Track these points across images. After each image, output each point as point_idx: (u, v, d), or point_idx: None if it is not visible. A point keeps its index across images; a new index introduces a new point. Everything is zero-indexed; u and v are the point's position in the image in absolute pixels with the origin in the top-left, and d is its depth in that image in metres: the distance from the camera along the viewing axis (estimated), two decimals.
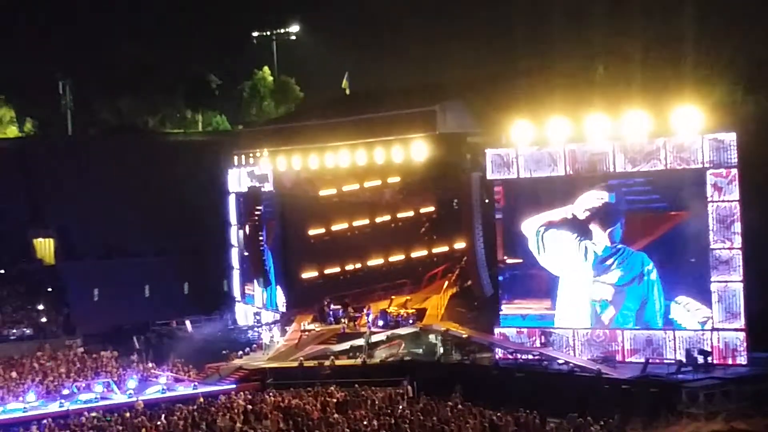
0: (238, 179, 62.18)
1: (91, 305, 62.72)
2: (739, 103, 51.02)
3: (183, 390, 45.60)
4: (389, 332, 50.22)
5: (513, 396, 40.08)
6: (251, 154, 60.45)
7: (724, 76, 52.37)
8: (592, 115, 44.52)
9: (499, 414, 36.91)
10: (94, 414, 41.08)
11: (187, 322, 59.63)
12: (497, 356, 46.36)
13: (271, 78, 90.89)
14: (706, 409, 37.34)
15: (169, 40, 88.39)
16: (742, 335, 41.34)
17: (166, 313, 60.65)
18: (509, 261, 46.93)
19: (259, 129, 71.61)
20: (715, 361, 41.17)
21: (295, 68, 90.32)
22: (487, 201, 48.95)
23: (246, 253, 61.08)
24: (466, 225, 50.74)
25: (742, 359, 41.26)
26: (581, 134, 44.84)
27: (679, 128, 42.54)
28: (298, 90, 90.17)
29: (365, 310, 53.00)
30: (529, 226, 46.39)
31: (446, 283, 54.10)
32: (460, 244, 54.07)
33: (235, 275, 64.10)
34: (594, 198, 44.79)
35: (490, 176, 47.40)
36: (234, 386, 45.76)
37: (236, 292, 63.88)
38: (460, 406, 38.71)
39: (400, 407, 39.47)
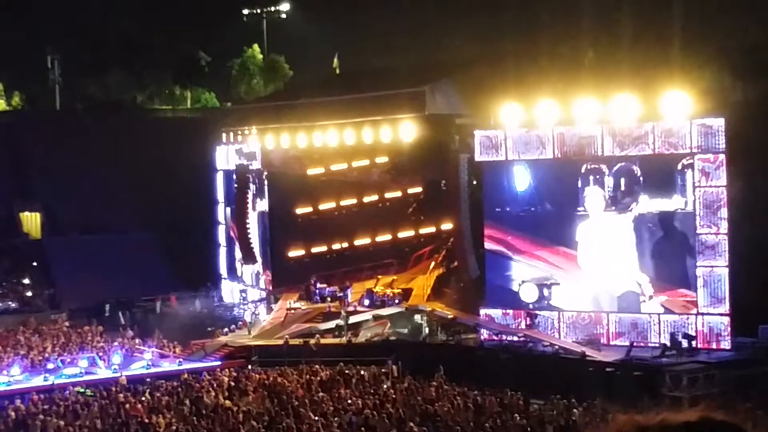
0: (226, 157, 62.08)
1: (76, 280, 62.57)
2: (728, 88, 51.14)
3: (168, 366, 45.60)
4: (374, 312, 50.35)
5: (497, 377, 40.23)
6: (239, 132, 60.37)
7: (712, 61, 52.45)
8: (581, 99, 44.54)
9: (483, 395, 37.07)
10: (78, 388, 41.09)
11: (174, 299, 59.62)
12: (482, 337, 46.52)
13: (260, 56, 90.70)
14: (689, 392, 37.58)
15: (159, 16, 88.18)
16: (726, 320, 41.53)
17: (152, 289, 60.54)
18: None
19: (248, 107, 71.53)
20: (699, 346, 41.38)
21: (285, 46, 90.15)
22: (474, 182, 49.00)
23: (232, 231, 61.04)
24: (453, 206, 50.81)
25: (726, 344, 41.47)
26: (570, 117, 44.87)
27: (668, 113, 42.60)
28: (288, 68, 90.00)
29: (347, 289, 53.05)
30: None
31: (432, 263, 54.20)
32: (447, 225, 54.15)
33: (222, 252, 64.08)
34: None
35: (478, 158, 47.40)
36: (219, 363, 45.79)
37: (222, 270, 63.87)
38: (444, 386, 38.86)
39: (385, 386, 39.60)
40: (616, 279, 44.29)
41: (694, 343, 41.22)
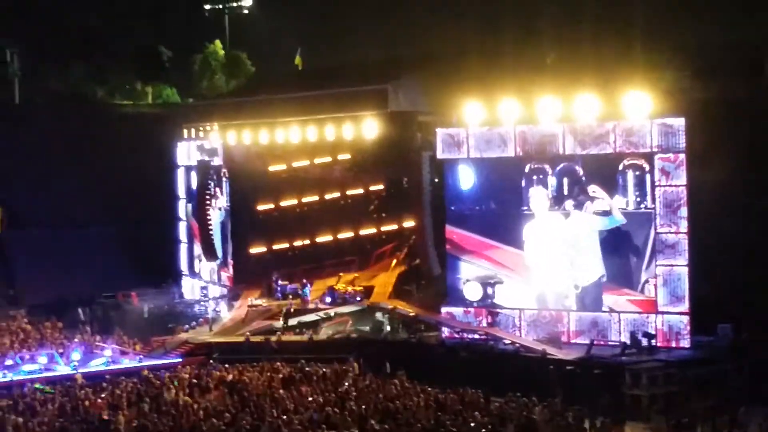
0: (187, 153, 61.79)
1: (36, 276, 62.09)
2: (688, 88, 51.52)
3: (128, 363, 45.38)
4: (335, 309, 50.33)
5: (458, 374, 40.33)
6: (201, 128, 60.15)
7: (672, 61, 52.90)
8: (543, 98, 44.71)
9: (444, 392, 37.14)
10: (37, 385, 40.81)
11: (135, 295, 59.28)
12: (444, 335, 46.60)
13: (222, 51, 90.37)
14: (649, 390, 37.89)
15: (120, 10, 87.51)
16: (685, 319, 41.82)
17: (112, 285, 60.17)
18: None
19: (210, 103, 71.34)
20: (658, 344, 41.63)
21: (247, 42, 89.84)
22: (436, 180, 49.10)
23: (193, 227, 60.81)
24: (415, 204, 50.89)
25: (685, 342, 41.75)
26: (532, 116, 45.03)
27: (629, 112, 42.86)
28: (250, 64, 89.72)
29: (304, 287, 53.05)
30: None
31: (394, 261, 54.29)
32: (409, 223, 54.25)
33: (183, 249, 63.81)
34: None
35: (440, 156, 47.49)
36: (180, 360, 45.61)
37: (183, 266, 63.61)
38: (405, 384, 38.90)
39: (346, 384, 39.58)
40: (561, 278, 44.59)
41: (653, 341, 41.48)
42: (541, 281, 45.15)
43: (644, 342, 41.40)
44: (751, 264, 44.54)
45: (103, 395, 38.19)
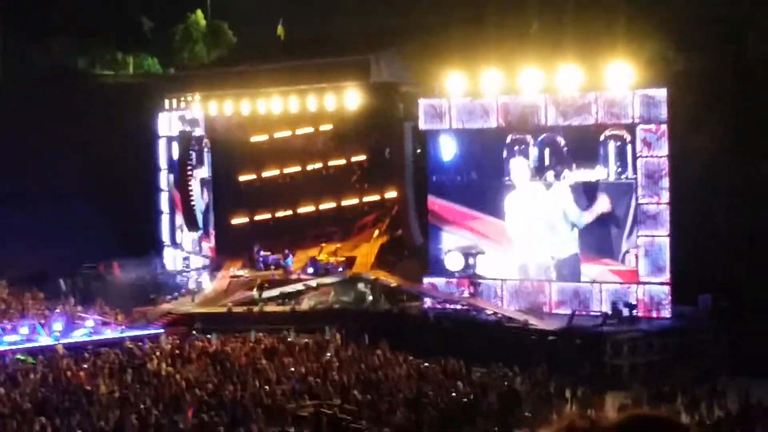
0: (168, 123, 61.57)
1: (17, 247, 61.81)
2: (670, 60, 51.52)
3: (110, 334, 45.26)
4: (318, 280, 50.34)
5: (441, 345, 40.45)
6: (182, 98, 59.89)
7: (655, 33, 52.80)
8: (526, 69, 44.70)
9: (426, 362, 37.27)
10: (19, 356, 40.76)
11: (117, 266, 59.14)
12: (426, 306, 46.69)
13: (204, 21, 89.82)
14: (629, 360, 38.12)
15: None
16: (666, 289, 42.00)
17: (93, 256, 59.98)
18: None
19: (191, 73, 70.97)
20: (640, 314, 41.80)
21: (229, 12, 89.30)
22: (418, 151, 49.08)
23: (175, 198, 60.68)
24: (397, 174, 50.85)
25: (666, 312, 41.94)
26: (514, 87, 45.03)
27: (611, 83, 42.90)
28: (231, 34, 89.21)
29: (286, 257, 53.04)
30: None
31: (377, 231, 54.22)
32: (391, 194, 54.19)
33: (164, 219, 63.67)
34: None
35: (422, 126, 47.46)
36: (161, 331, 45.56)
37: (165, 237, 63.49)
38: (388, 354, 39.01)
39: (328, 354, 39.67)
40: (542, 248, 44.70)
41: (635, 311, 41.65)
42: (522, 252, 45.25)
43: (625, 312, 41.56)
44: (732, 234, 44.77)
45: (85, 366, 38.22)
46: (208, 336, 43.51)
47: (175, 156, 59.69)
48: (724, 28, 53.83)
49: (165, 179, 63.10)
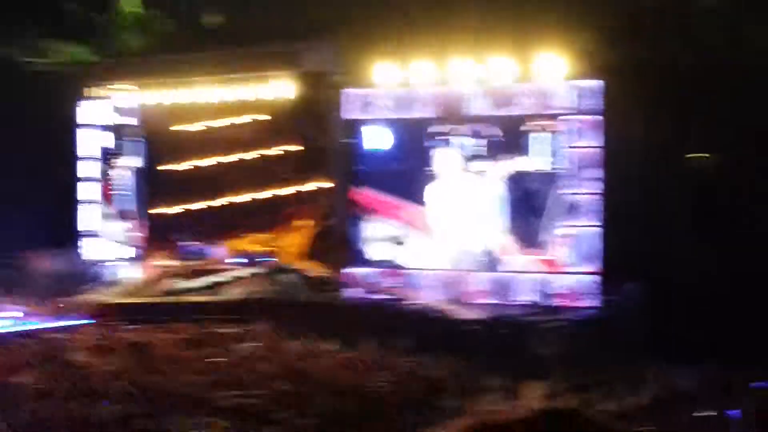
0: (96, 112, 60.79)
1: None
2: (603, 51, 51.68)
3: (31, 325, 44.64)
4: (244, 270, 49.99)
5: (366, 335, 40.24)
6: (111, 87, 59.29)
7: (589, 24, 52.98)
8: (457, 59, 44.69)
9: (350, 352, 37.07)
10: None
11: (38, 256, 58.26)
12: (351, 295, 46.48)
13: (133, 9, 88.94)
14: (555, 350, 38.14)
15: None
16: (592, 278, 42.18)
17: (14, 246, 59.05)
18: None
19: (120, 61, 70.07)
20: (565, 304, 41.97)
21: (159, 1, 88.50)
22: (347, 141, 48.89)
23: (102, 187, 59.96)
24: (325, 164, 50.66)
25: (591, 302, 42.11)
26: (445, 77, 44.97)
27: (543, 74, 42.98)
28: (162, 23, 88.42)
29: (216, 247, 52.64)
30: None
31: (304, 221, 53.96)
32: (319, 184, 53.93)
33: (89, 209, 62.80)
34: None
35: (351, 116, 47.32)
36: (85, 321, 45.00)
37: (90, 226, 62.65)
38: (313, 344, 38.81)
39: (253, 345, 39.36)
40: (467, 238, 44.72)
41: (560, 301, 41.77)
42: (447, 241, 45.23)
43: (550, 302, 41.72)
44: (659, 225, 44.98)
45: (4, 357, 37.60)
46: (132, 326, 42.99)
47: (102, 145, 58.94)
48: (659, 20, 54.19)
49: (91, 168, 62.25)
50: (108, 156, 57.43)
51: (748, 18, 50.93)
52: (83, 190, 65.31)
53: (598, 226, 42.40)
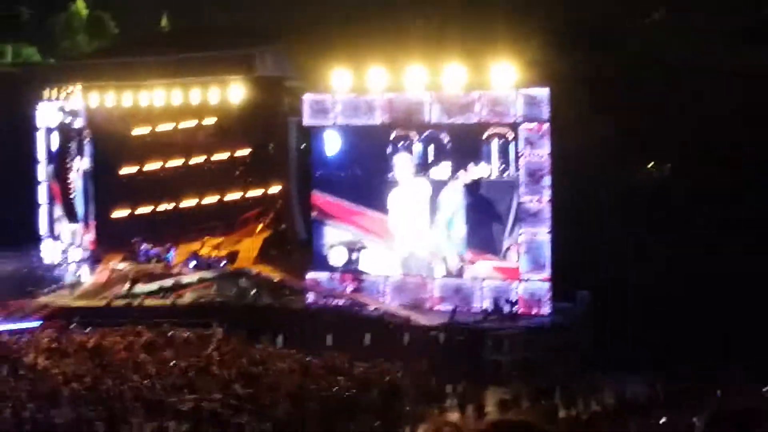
0: (48, 114, 60.44)
1: None
2: (552, 60, 52.31)
3: None
4: (200, 274, 49.94)
5: (323, 340, 40.51)
6: (62, 89, 58.83)
7: (538, 33, 53.55)
8: (411, 66, 44.96)
9: (308, 357, 37.26)
10: None
11: None
12: (309, 300, 46.58)
13: (85, 11, 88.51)
14: (510, 356, 38.64)
15: None
16: (546, 285, 42.57)
17: None
18: None
19: (72, 63, 69.89)
20: (520, 311, 42.32)
21: (110, 3, 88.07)
22: (303, 146, 49.08)
23: (54, 189, 59.65)
24: (281, 169, 50.78)
25: (545, 309, 42.49)
26: (399, 84, 45.24)
27: (494, 82, 43.39)
28: (114, 25, 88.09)
29: (169, 250, 52.55)
30: None
31: (260, 226, 53.96)
32: (275, 188, 54.02)
33: (43, 211, 62.48)
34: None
35: (307, 122, 47.39)
36: (39, 324, 44.75)
37: (43, 229, 62.32)
38: (270, 349, 38.95)
39: (210, 349, 39.42)
40: (425, 245, 45.02)
41: (515, 308, 42.16)
42: (405, 247, 45.47)
43: (506, 308, 42.08)
44: (611, 232, 45.59)
45: None
46: (87, 330, 42.84)
47: (54, 147, 58.67)
48: (605, 29, 54.92)
49: (44, 171, 61.92)
50: (61, 158, 57.09)
51: (697, 29, 51.97)
52: (38, 193, 65.03)
53: (548, 233, 42.80)
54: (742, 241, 43.37)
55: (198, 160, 58.04)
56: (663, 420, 29.85)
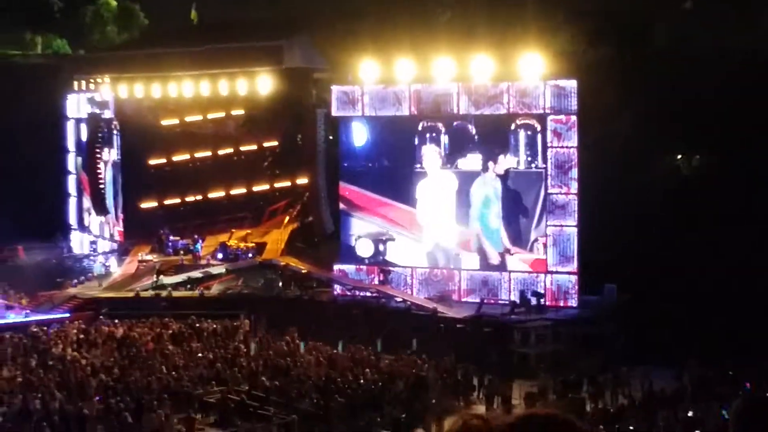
0: (77, 105, 60.72)
1: None
2: (581, 52, 52.04)
3: (14, 318, 44.61)
4: (228, 266, 50.00)
5: (350, 332, 40.44)
6: (92, 80, 59.13)
7: (567, 25, 53.29)
8: (438, 57, 44.84)
9: (335, 349, 37.26)
10: None
11: (24, 249, 58.18)
12: (336, 292, 46.59)
13: (115, 3, 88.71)
14: (537, 349, 38.49)
15: None
16: (574, 278, 42.43)
17: (1, 238, 58.92)
18: None
19: (101, 55, 70.02)
20: (547, 303, 42.17)
21: None
22: (330, 137, 49.02)
23: (83, 180, 59.87)
24: (309, 160, 50.72)
25: (572, 302, 42.37)
26: (427, 75, 45.14)
27: (522, 74, 43.21)
28: (143, 17, 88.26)
29: (197, 242, 52.65)
30: None
31: (287, 218, 54.00)
32: (302, 180, 54.03)
33: (72, 202, 62.77)
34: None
35: (335, 113, 47.38)
36: (68, 315, 44.95)
37: (72, 220, 62.61)
38: (297, 341, 38.95)
39: (237, 341, 39.48)
40: (452, 236, 44.89)
41: (542, 300, 41.99)
42: (432, 239, 45.37)
43: (533, 301, 41.92)
44: (639, 226, 45.31)
45: None
46: (115, 321, 42.96)
47: (84, 138, 58.87)
48: (632, 21, 54.55)
49: (73, 162, 62.19)
50: (90, 149, 57.22)
51: (729, 18, 51.49)
52: (68, 183, 65.13)
53: (575, 226, 42.61)
54: None
55: (226, 151, 58.16)
56: (690, 413, 29.68)
